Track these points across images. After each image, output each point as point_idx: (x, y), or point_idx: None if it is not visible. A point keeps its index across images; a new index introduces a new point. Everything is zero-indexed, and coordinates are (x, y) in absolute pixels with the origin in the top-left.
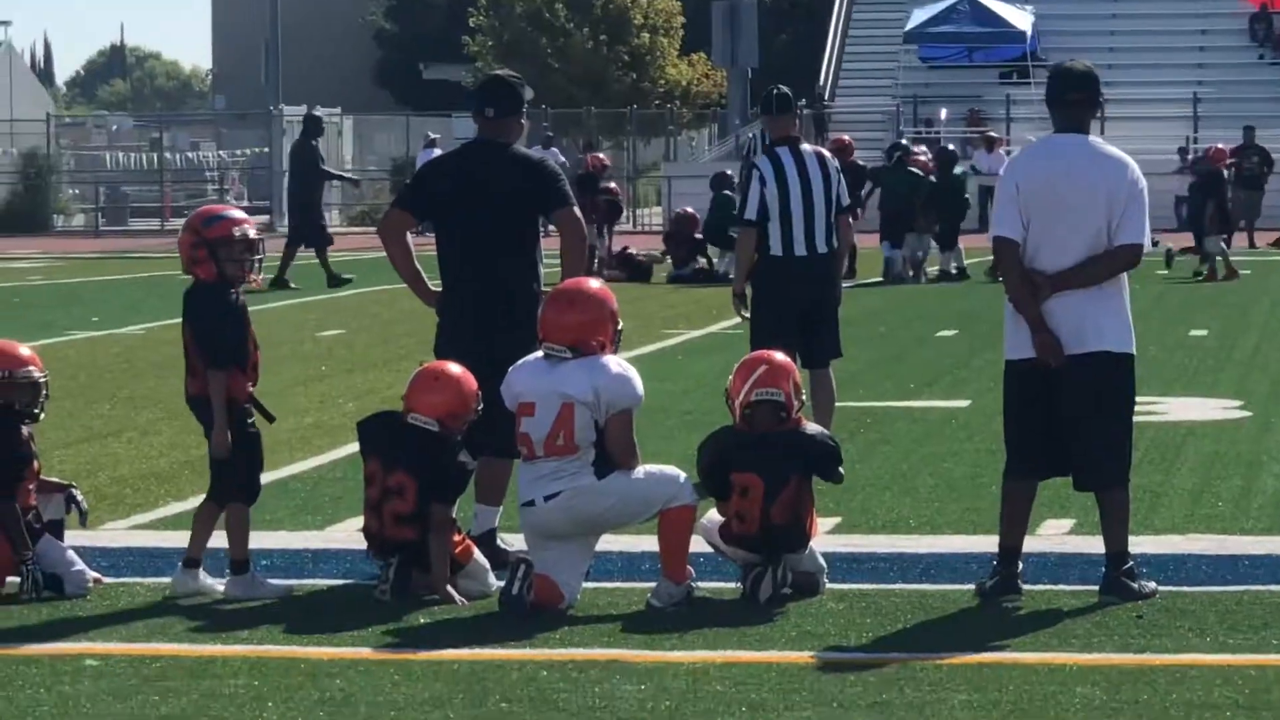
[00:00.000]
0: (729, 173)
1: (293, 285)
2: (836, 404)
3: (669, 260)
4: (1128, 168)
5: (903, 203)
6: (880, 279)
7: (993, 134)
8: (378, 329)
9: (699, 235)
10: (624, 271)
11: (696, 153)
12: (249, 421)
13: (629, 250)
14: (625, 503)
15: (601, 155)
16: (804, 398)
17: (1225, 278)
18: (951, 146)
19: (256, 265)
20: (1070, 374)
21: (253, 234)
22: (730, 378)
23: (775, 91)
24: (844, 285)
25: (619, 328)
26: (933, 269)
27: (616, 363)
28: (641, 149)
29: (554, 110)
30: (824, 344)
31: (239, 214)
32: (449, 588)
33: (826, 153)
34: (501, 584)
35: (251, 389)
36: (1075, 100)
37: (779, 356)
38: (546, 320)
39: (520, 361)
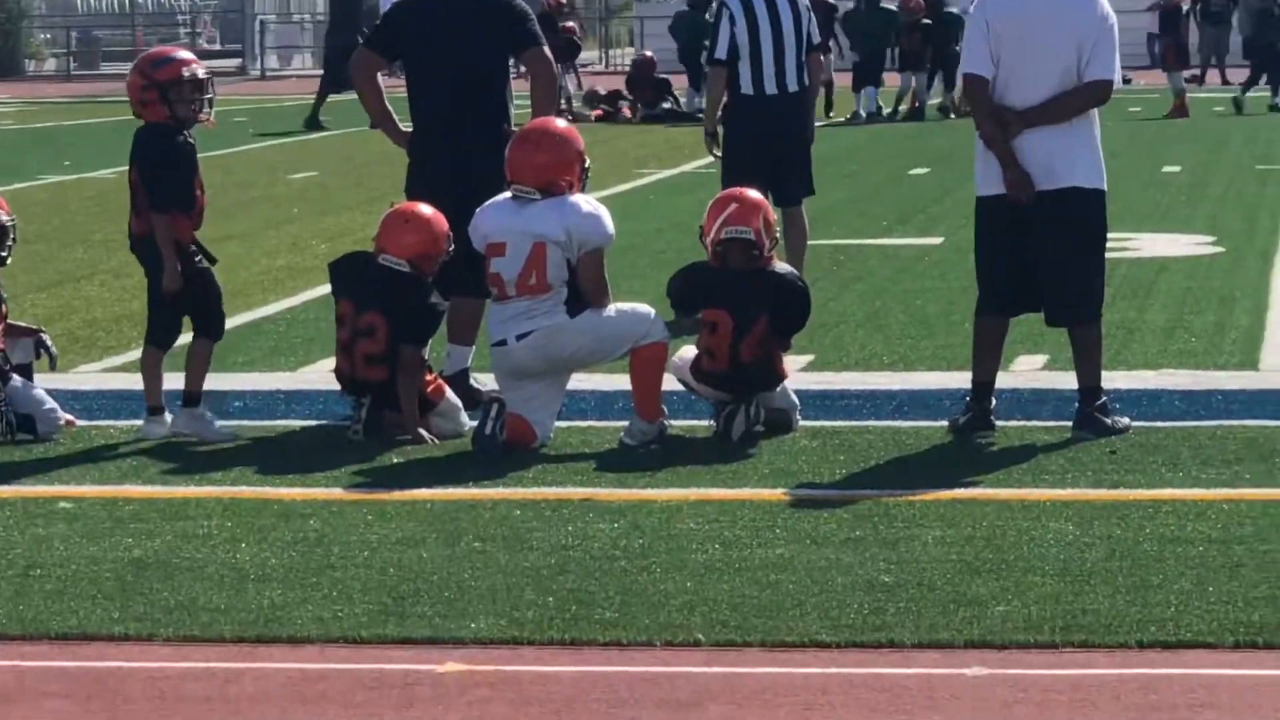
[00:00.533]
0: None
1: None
2: (809, 242)
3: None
4: (1097, 3)
5: (877, 44)
6: (851, 118)
7: None
8: (351, 171)
9: (661, 76)
10: (608, 107)
11: None
12: (196, 260)
13: (597, 89)
14: (597, 341)
15: None
16: (777, 236)
17: (1170, 114)
18: None
19: (207, 105)
20: (1041, 210)
21: (201, 74)
22: (704, 215)
23: None
24: (818, 123)
25: (586, 167)
26: (902, 107)
27: (586, 201)
28: None
29: None
30: (796, 182)
31: (187, 55)
32: (421, 429)
33: None
34: (474, 423)
35: (195, 233)
36: None
37: (751, 194)
38: (514, 161)
39: (487, 203)
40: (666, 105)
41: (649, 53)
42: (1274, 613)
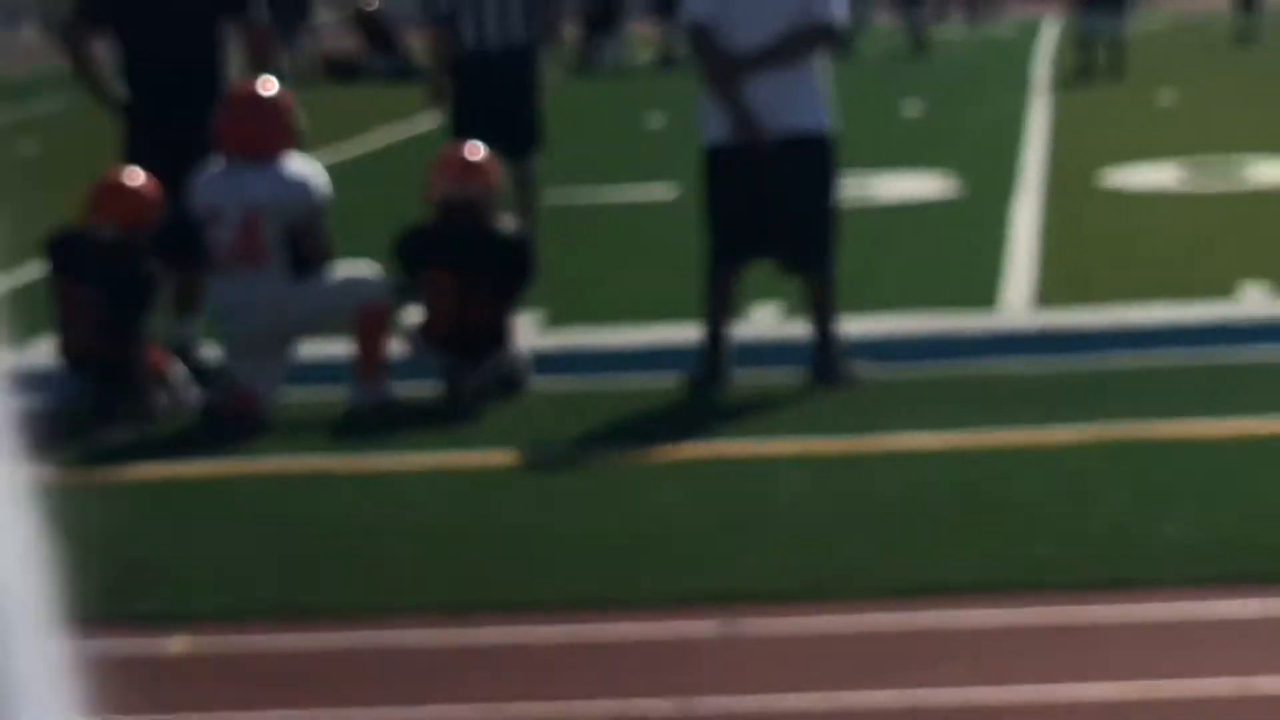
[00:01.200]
0: None
1: None
2: (539, 201)
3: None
4: None
5: None
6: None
7: None
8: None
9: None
10: (328, 70)
11: None
12: None
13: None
14: (321, 307)
15: None
16: (503, 193)
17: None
18: None
19: None
20: (771, 156)
21: None
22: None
23: None
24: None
25: (299, 130)
26: None
27: (299, 164)
28: None
29: None
30: (524, 136)
31: None
32: (147, 402)
33: None
34: (200, 396)
35: None
36: None
37: (474, 152)
38: (222, 127)
39: (203, 172)
40: (397, 63)
41: (375, 4)
42: (1014, 558)
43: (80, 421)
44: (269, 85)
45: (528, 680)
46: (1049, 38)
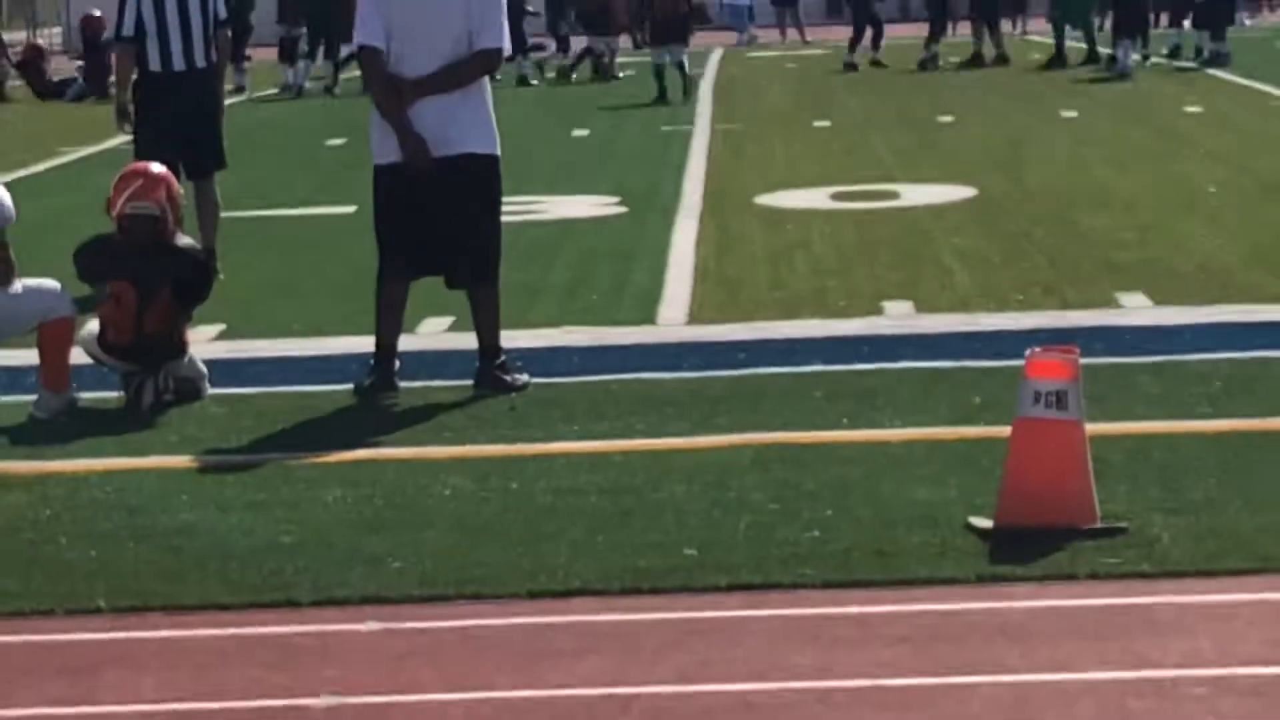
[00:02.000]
0: None
1: None
2: (222, 214)
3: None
4: None
5: None
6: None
7: None
8: None
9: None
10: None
11: None
12: None
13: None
14: (4, 317)
15: None
16: (181, 210)
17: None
18: None
19: None
20: (438, 176)
21: None
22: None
23: None
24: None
25: None
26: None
27: None
28: None
29: None
30: (207, 156)
31: None
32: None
33: None
34: None
35: None
36: None
37: (155, 169)
38: None
39: None
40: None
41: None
42: (661, 558)
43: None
44: None
45: (192, 677)
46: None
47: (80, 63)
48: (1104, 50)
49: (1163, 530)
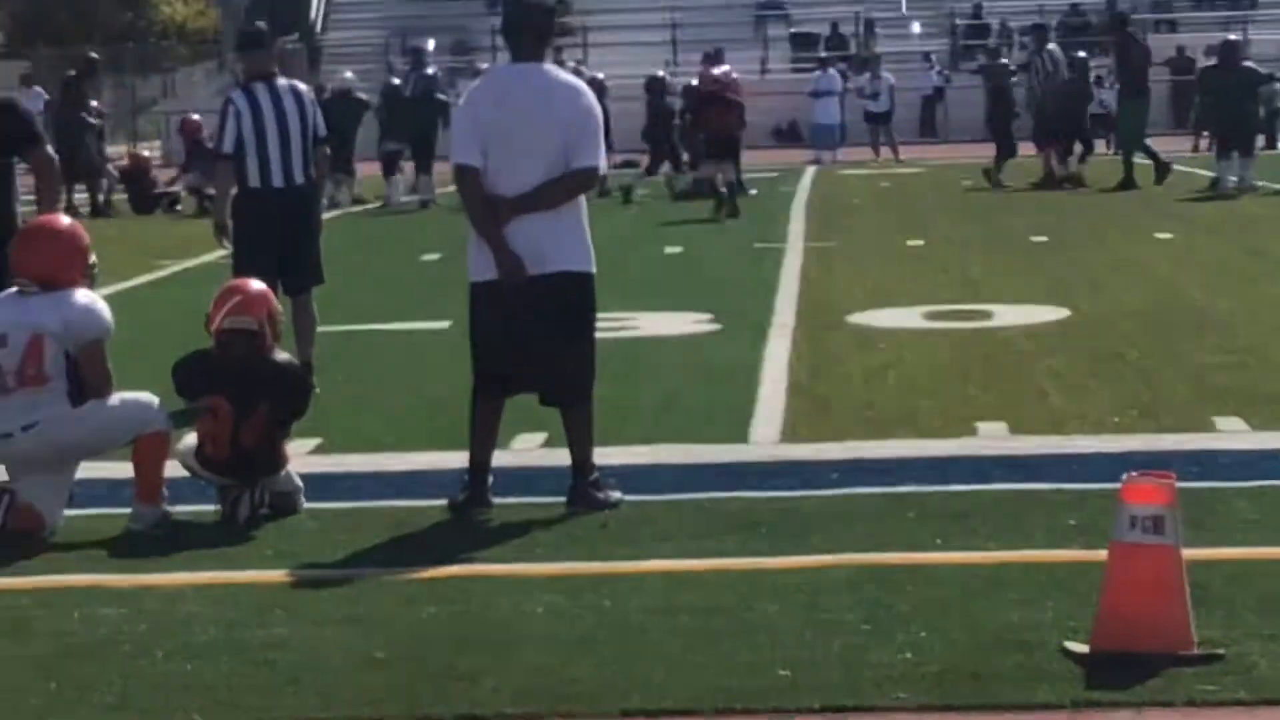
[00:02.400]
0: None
1: None
2: (318, 328)
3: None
4: (581, 94)
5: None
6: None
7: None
8: None
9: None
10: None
11: (194, 88)
12: None
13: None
14: (101, 430)
15: None
16: (280, 326)
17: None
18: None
19: None
20: (533, 294)
21: None
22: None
23: (245, 29)
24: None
25: (91, 263)
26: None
27: (85, 295)
28: (140, 85)
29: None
30: (305, 271)
31: None
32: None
33: (302, 86)
34: None
35: None
36: (529, 29)
37: (254, 285)
38: (15, 257)
39: None
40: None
41: (146, 151)
42: (754, 678)
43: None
44: (61, 218)
45: None
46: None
47: (179, 172)
48: (1206, 171)
49: (1260, 657)
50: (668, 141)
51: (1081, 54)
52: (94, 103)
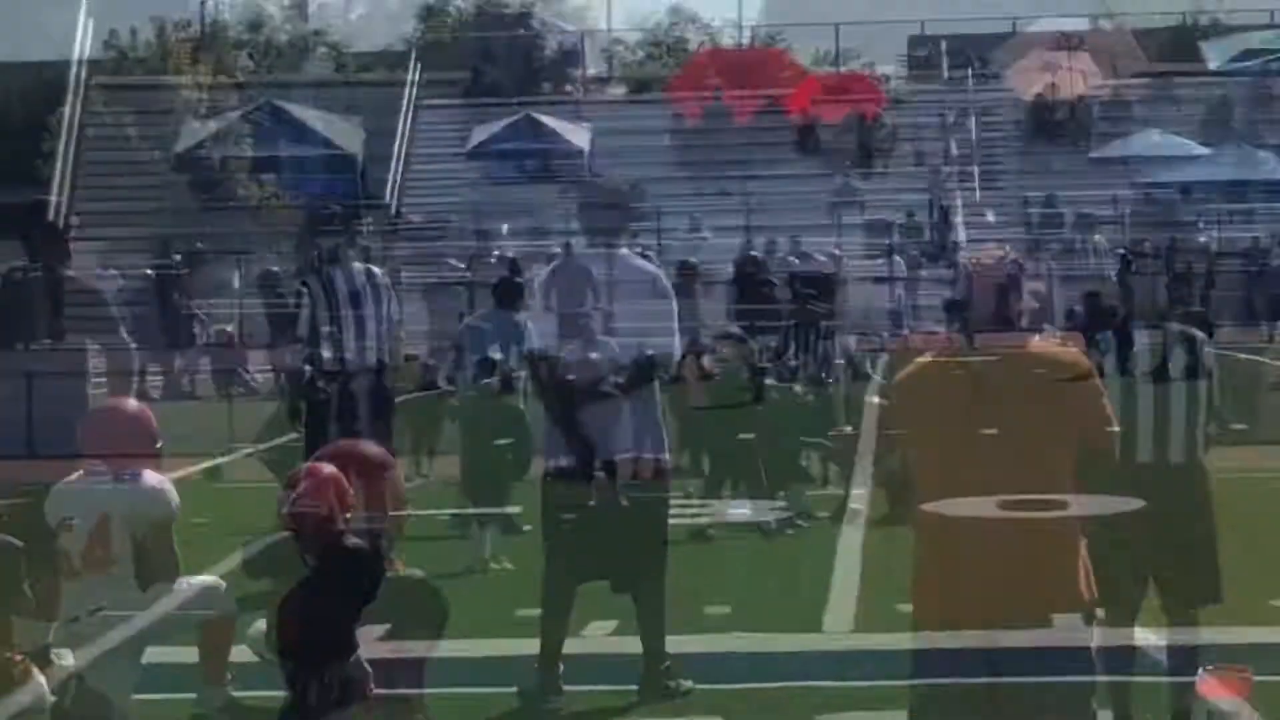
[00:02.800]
0: None
1: None
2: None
3: None
4: (656, 278)
5: None
6: None
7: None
8: None
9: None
10: None
11: None
12: None
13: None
14: (166, 614)
15: None
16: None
17: None
18: None
19: None
20: (606, 480)
21: None
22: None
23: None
24: None
25: (159, 445)
26: None
27: (153, 477)
28: None
29: None
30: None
31: None
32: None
33: (377, 270)
34: (51, 698)
35: None
36: (603, 213)
37: (325, 468)
38: (86, 438)
39: (64, 479)
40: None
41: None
42: None
43: None
44: (130, 401)
45: None
46: None
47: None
48: None
49: None
50: None
51: None
52: None
